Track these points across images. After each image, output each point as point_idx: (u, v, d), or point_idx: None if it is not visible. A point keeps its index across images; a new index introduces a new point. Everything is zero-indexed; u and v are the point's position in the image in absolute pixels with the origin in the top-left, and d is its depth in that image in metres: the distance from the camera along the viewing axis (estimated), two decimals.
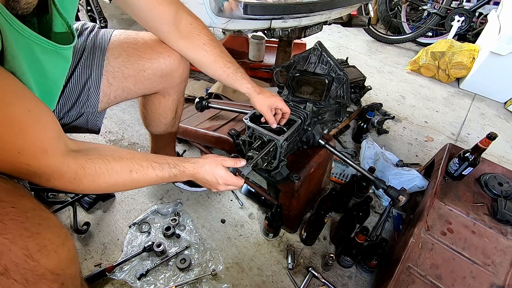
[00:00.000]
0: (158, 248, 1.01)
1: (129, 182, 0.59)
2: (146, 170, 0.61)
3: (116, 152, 0.59)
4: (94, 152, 0.56)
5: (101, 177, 0.54)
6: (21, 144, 0.43)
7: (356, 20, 1.77)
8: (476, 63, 2.26)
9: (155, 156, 0.65)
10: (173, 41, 0.78)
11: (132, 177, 0.59)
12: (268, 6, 1.03)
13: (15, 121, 0.41)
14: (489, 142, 0.97)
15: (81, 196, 1.14)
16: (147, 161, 0.61)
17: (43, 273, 0.42)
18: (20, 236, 0.40)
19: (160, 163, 0.63)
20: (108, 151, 0.58)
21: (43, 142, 0.45)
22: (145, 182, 0.62)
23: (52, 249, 0.43)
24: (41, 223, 0.44)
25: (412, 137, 1.78)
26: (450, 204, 1.03)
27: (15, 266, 0.39)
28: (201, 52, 0.79)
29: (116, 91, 0.78)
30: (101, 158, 0.55)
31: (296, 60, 1.01)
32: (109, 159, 0.56)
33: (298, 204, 1.05)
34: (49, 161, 0.47)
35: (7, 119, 0.40)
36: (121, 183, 0.58)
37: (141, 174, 0.60)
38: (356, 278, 1.04)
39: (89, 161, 0.53)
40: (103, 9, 2.08)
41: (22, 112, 0.42)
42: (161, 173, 0.63)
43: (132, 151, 0.63)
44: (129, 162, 0.59)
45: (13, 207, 0.42)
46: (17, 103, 0.41)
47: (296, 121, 0.90)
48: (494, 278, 0.87)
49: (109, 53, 0.75)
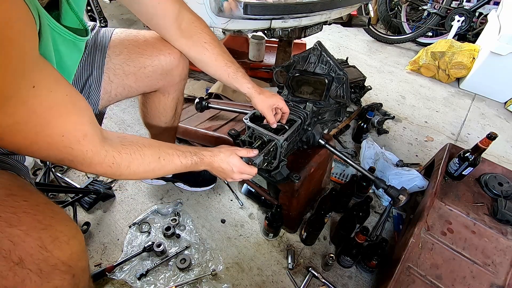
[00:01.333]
0: (158, 248, 1.01)
1: (158, 168, 0.62)
2: (172, 157, 0.64)
3: (145, 139, 0.62)
4: (126, 139, 0.58)
5: (135, 162, 0.57)
6: (64, 128, 0.44)
7: (356, 20, 1.77)
8: (476, 63, 2.26)
9: (177, 145, 0.69)
10: (175, 39, 0.79)
11: (161, 163, 0.62)
12: (268, 6, 1.03)
13: (58, 106, 0.42)
14: (489, 142, 0.97)
15: (81, 196, 1.14)
16: (171, 149, 0.65)
17: (56, 264, 0.43)
18: (34, 228, 0.41)
19: (183, 151, 0.67)
20: (138, 138, 0.61)
21: (83, 126, 0.46)
22: (170, 169, 0.65)
23: (64, 241, 0.44)
24: (53, 217, 0.45)
25: (412, 137, 1.77)
26: (450, 204, 1.03)
27: (30, 256, 0.40)
28: (202, 50, 0.79)
29: (117, 88, 0.79)
30: (134, 144, 0.58)
31: (296, 60, 1.01)
32: (141, 146, 0.59)
33: (298, 204, 1.05)
34: (90, 145, 0.48)
35: (52, 103, 0.41)
36: (152, 168, 0.61)
37: (168, 161, 0.63)
38: (356, 278, 1.04)
39: (124, 147, 0.55)
40: (103, 9, 2.08)
41: (62, 97, 0.43)
42: (185, 160, 0.67)
43: (157, 140, 0.66)
44: (157, 150, 0.62)
45: (25, 200, 0.43)
46: (57, 88, 0.42)
47: (296, 121, 0.90)
48: (494, 278, 0.87)
49: (110, 50, 0.75)
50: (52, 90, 0.41)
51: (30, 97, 0.38)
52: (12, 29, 0.32)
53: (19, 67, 0.35)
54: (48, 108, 0.41)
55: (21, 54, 0.35)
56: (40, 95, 0.39)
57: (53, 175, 1.22)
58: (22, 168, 0.59)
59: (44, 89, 0.39)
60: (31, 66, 0.37)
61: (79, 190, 1.17)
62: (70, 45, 0.54)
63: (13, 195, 0.43)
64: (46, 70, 0.40)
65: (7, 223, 0.39)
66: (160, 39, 0.81)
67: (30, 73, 0.37)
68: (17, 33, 0.33)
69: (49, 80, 0.40)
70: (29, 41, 0.36)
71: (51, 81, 0.41)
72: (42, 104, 0.40)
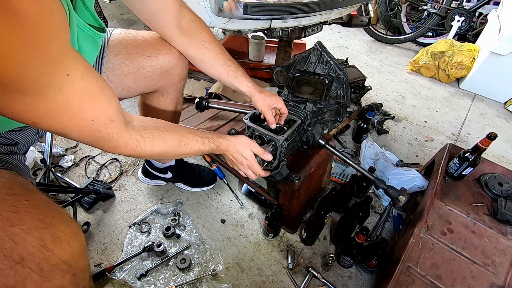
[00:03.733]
0: (158, 248, 1.01)
1: (177, 152, 0.65)
2: (191, 142, 0.67)
3: (167, 124, 0.65)
4: (149, 124, 0.61)
5: (158, 145, 0.60)
6: (94, 113, 0.46)
7: (356, 20, 1.77)
8: (476, 63, 2.26)
9: (197, 131, 0.71)
10: (175, 37, 0.79)
11: (181, 147, 0.65)
12: (268, 6, 1.03)
13: (89, 92, 0.45)
14: (489, 142, 0.97)
15: (81, 196, 1.14)
16: (191, 134, 0.68)
17: (57, 263, 0.43)
18: (35, 227, 0.42)
19: (201, 137, 0.70)
20: (160, 123, 0.64)
21: (110, 111, 0.49)
22: (189, 152, 0.68)
23: (65, 240, 0.45)
24: (54, 216, 0.45)
25: (412, 137, 1.78)
26: (450, 204, 1.03)
27: (30, 255, 0.40)
28: (202, 49, 0.79)
29: (116, 88, 0.79)
30: (156, 129, 0.60)
31: (296, 60, 1.01)
32: (163, 130, 0.61)
33: (298, 204, 1.05)
34: (116, 129, 0.51)
35: (83, 89, 0.44)
36: (173, 151, 0.64)
37: (188, 145, 0.66)
38: (356, 278, 1.04)
39: (147, 131, 0.58)
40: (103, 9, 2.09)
41: (92, 84, 0.45)
42: (203, 146, 0.70)
43: (177, 125, 0.69)
44: (178, 134, 0.65)
45: (27, 200, 0.44)
46: (88, 76, 0.44)
47: (296, 121, 0.90)
48: (494, 278, 0.87)
49: (109, 50, 0.75)
50: (84, 77, 0.43)
51: (65, 84, 0.40)
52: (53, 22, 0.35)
53: (58, 57, 0.38)
54: (80, 95, 0.43)
55: (60, 45, 0.37)
56: (74, 83, 0.41)
57: (53, 175, 1.22)
58: (23, 168, 0.59)
59: (76, 77, 0.42)
60: (66, 55, 0.40)
61: (79, 190, 1.17)
62: (90, 41, 0.57)
63: (15, 194, 0.44)
64: (78, 59, 0.43)
65: (8, 222, 0.40)
66: (159, 39, 0.80)
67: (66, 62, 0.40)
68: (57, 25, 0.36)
69: (80, 69, 0.43)
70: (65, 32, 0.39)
71: (82, 69, 0.43)
72: (75, 91, 0.42)
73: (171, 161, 1.19)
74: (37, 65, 0.35)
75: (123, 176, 1.32)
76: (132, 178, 1.31)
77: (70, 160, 1.35)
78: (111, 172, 1.34)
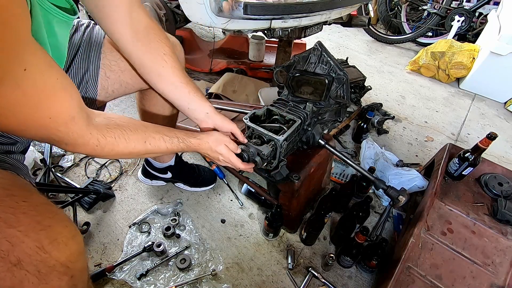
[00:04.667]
0: (158, 248, 1.01)
1: (143, 151, 0.64)
2: (158, 142, 0.65)
3: (132, 123, 0.63)
4: (112, 122, 0.59)
5: (120, 145, 0.58)
6: (53, 110, 0.44)
7: (356, 20, 1.77)
8: (476, 63, 2.26)
9: (166, 129, 0.68)
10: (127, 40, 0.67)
11: (146, 147, 0.63)
12: (268, 6, 1.03)
13: (48, 88, 0.43)
14: (489, 142, 0.97)
15: (81, 196, 1.14)
16: (159, 133, 0.66)
17: (54, 265, 0.43)
18: (32, 229, 0.41)
19: (170, 137, 0.68)
20: (125, 121, 0.62)
21: (70, 109, 0.47)
22: (157, 152, 0.67)
23: (63, 242, 0.44)
24: (52, 217, 0.45)
25: (412, 137, 1.78)
26: (450, 204, 1.03)
27: (28, 257, 0.40)
28: (160, 62, 0.71)
29: (114, 84, 0.79)
30: (119, 128, 0.58)
31: (296, 60, 1.01)
32: (126, 130, 0.59)
33: (298, 204, 1.05)
34: (76, 127, 0.49)
35: (42, 85, 0.41)
36: (137, 151, 0.62)
37: (154, 145, 0.65)
38: (356, 278, 1.04)
39: (109, 131, 0.56)
40: None
41: (53, 80, 0.43)
42: (171, 146, 0.68)
43: (145, 122, 0.67)
44: (143, 134, 0.63)
45: (24, 201, 0.43)
46: (49, 71, 0.42)
47: (296, 121, 0.90)
48: (494, 278, 0.87)
49: (105, 47, 0.76)
50: (44, 73, 0.41)
51: (22, 79, 0.38)
52: (6, 11, 0.32)
53: (13, 49, 0.35)
54: (39, 91, 0.41)
55: (15, 36, 0.35)
56: (32, 77, 0.39)
57: (53, 175, 1.22)
58: (22, 168, 0.59)
59: (36, 71, 0.40)
60: (24, 48, 0.37)
61: (79, 190, 1.17)
62: (63, 25, 0.55)
63: (12, 196, 0.43)
64: (38, 53, 0.41)
65: (6, 223, 0.39)
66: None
67: (23, 55, 0.37)
68: (11, 15, 0.33)
69: (41, 63, 0.41)
70: (23, 23, 0.36)
71: (43, 64, 0.41)
72: (34, 86, 0.40)
73: (171, 160, 1.19)
74: None
75: (123, 176, 1.32)
76: (132, 178, 1.31)
77: (70, 160, 1.35)
78: (111, 172, 1.34)
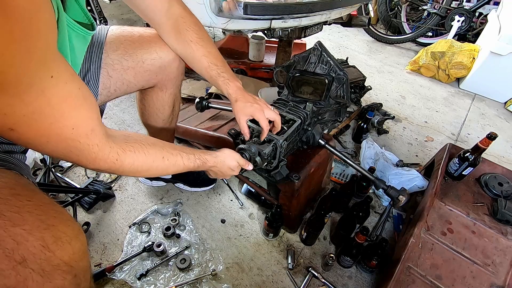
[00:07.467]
0: (158, 248, 1.01)
1: (161, 168, 0.63)
2: (175, 158, 0.65)
3: (150, 138, 0.63)
4: (130, 137, 0.59)
5: (140, 159, 0.57)
6: (75, 120, 0.44)
7: (356, 20, 1.77)
8: (476, 63, 2.26)
9: (181, 147, 0.69)
10: (164, 34, 0.79)
11: (164, 163, 0.63)
12: (268, 6, 1.03)
13: (71, 98, 0.43)
14: (489, 142, 0.97)
15: (81, 196, 1.14)
16: (176, 149, 0.66)
17: (58, 264, 0.43)
18: (37, 228, 0.42)
19: (187, 153, 0.68)
20: (142, 137, 0.61)
21: (92, 120, 0.47)
22: (173, 169, 0.66)
23: (66, 241, 0.45)
24: (56, 217, 0.45)
25: (412, 137, 1.77)
26: (450, 204, 1.03)
27: (32, 256, 0.40)
28: (188, 49, 0.79)
29: (116, 83, 0.80)
30: (138, 143, 0.58)
31: (296, 60, 1.01)
32: (145, 144, 0.59)
33: (298, 204, 1.05)
34: (96, 139, 0.48)
35: (66, 94, 0.41)
36: (155, 167, 0.61)
37: (171, 161, 0.64)
38: (356, 278, 1.04)
39: (128, 144, 0.56)
40: (103, 9, 2.09)
41: (76, 90, 0.43)
42: (188, 162, 0.68)
43: (161, 140, 0.67)
44: (161, 149, 0.62)
45: (29, 200, 0.44)
46: (72, 81, 0.43)
47: (296, 121, 0.90)
48: (494, 278, 0.87)
49: (107, 46, 0.76)
50: (67, 82, 0.41)
51: (48, 87, 0.38)
52: (40, 19, 0.33)
53: (43, 57, 0.36)
54: (63, 100, 0.41)
55: (46, 44, 0.36)
56: (57, 86, 0.40)
57: (53, 175, 1.22)
58: (24, 168, 0.59)
59: (60, 80, 0.40)
60: (52, 57, 0.38)
61: (79, 190, 1.17)
62: (81, 40, 0.56)
63: (17, 195, 0.43)
64: (63, 63, 0.41)
65: (11, 222, 0.40)
66: (156, 35, 0.81)
67: (50, 63, 0.38)
68: (44, 24, 0.34)
69: (65, 73, 0.41)
70: (52, 32, 0.37)
71: (66, 73, 0.42)
72: (58, 95, 0.40)
73: None
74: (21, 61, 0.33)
75: (123, 176, 1.32)
76: (132, 178, 1.31)
77: None
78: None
